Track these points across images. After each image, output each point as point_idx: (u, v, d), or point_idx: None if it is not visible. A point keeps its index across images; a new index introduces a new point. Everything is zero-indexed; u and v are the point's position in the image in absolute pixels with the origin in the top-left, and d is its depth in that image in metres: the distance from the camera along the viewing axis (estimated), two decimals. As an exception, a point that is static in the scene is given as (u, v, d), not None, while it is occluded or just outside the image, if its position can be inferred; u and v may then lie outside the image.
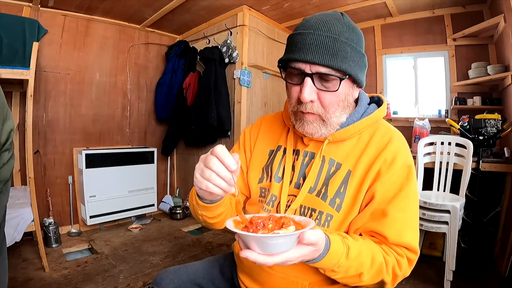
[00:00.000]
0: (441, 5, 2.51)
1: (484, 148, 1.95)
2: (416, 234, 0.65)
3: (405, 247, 0.63)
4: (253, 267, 0.75)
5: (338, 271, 0.57)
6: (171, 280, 0.81)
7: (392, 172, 0.65)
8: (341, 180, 0.68)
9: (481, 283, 1.77)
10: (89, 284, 1.76)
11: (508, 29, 1.95)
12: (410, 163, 0.67)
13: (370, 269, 0.59)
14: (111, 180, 2.67)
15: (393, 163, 0.65)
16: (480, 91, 2.40)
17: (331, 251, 0.54)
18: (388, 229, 0.63)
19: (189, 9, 2.67)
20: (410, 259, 0.64)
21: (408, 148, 0.70)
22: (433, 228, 1.79)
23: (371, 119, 0.70)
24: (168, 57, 3.15)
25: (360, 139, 0.71)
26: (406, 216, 0.64)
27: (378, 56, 2.91)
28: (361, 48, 0.63)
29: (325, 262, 0.54)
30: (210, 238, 2.55)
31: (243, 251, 0.47)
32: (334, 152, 0.71)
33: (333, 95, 0.62)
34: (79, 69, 2.70)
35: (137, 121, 3.17)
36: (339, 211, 0.67)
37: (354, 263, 0.57)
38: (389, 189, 0.64)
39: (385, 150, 0.67)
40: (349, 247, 0.57)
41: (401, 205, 0.64)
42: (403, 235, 0.63)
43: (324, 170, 0.70)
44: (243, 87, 2.63)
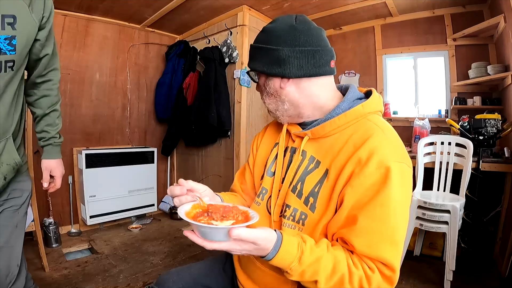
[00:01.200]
0: (441, 5, 2.51)
1: (484, 148, 1.95)
2: (396, 248, 0.57)
3: (380, 262, 0.57)
4: (248, 265, 0.77)
5: (291, 273, 0.57)
6: (174, 282, 0.82)
7: (365, 174, 0.58)
8: (317, 179, 0.66)
9: (481, 283, 1.77)
10: (89, 284, 1.76)
11: (508, 29, 1.95)
12: (391, 164, 0.57)
13: (329, 278, 0.56)
14: (111, 180, 2.67)
15: (367, 164, 0.58)
16: (480, 91, 2.40)
17: (280, 252, 0.55)
18: (356, 238, 0.58)
19: (189, 9, 2.67)
20: (386, 276, 0.57)
21: (397, 147, 0.62)
22: (433, 228, 1.79)
23: (352, 114, 0.65)
24: (168, 57, 3.15)
25: (342, 135, 0.66)
26: (381, 227, 0.57)
27: (378, 56, 2.91)
28: (271, 44, 0.69)
29: (276, 262, 0.56)
30: (210, 238, 2.55)
31: (185, 232, 0.55)
32: (315, 149, 0.70)
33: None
34: (79, 69, 2.70)
35: (137, 121, 3.17)
36: (313, 211, 0.65)
37: (309, 269, 0.56)
38: (364, 194, 0.58)
39: (361, 148, 0.60)
40: (303, 252, 0.56)
41: (375, 213, 0.57)
42: (375, 248, 0.57)
43: (302, 166, 0.70)
44: (243, 87, 2.63)
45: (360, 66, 3.04)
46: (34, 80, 0.99)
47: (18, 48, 0.80)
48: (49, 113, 1.05)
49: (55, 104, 1.07)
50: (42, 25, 0.88)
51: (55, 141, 1.08)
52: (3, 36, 0.75)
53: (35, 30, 0.85)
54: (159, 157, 3.20)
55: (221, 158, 2.84)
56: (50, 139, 1.07)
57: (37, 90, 1.02)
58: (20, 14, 0.79)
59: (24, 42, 0.82)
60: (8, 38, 0.77)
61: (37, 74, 0.98)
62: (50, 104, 1.05)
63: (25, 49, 0.84)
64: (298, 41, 0.66)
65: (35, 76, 0.98)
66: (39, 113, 1.04)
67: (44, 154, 1.08)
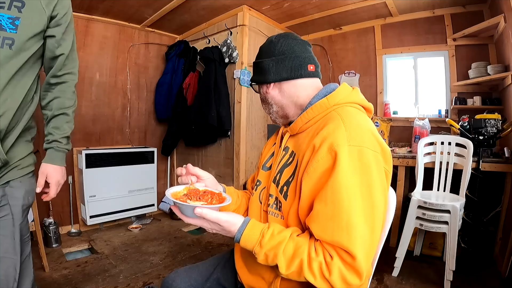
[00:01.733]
0: (441, 5, 2.51)
1: (484, 148, 1.95)
2: (353, 233, 0.54)
3: (339, 247, 0.56)
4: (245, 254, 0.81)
5: (256, 256, 0.63)
6: (183, 280, 0.86)
7: (317, 159, 0.60)
8: (292, 170, 0.72)
9: (481, 283, 1.77)
10: (89, 284, 1.76)
11: (508, 29, 1.95)
12: (339, 148, 0.57)
13: (289, 263, 0.59)
14: (111, 180, 2.68)
15: (319, 149, 0.60)
16: (480, 91, 2.40)
17: (244, 235, 0.63)
18: (313, 223, 0.59)
19: (189, 9, 2.67)
20: (347, 263, 0.55)
21: (352, 131, 0.60)
22: (433, 228, 1.79)
23: (318, 107, 0.71)
24: (168, 57, 3.15)
25: (312, 128, 0.71)
26: (334, 210, 0.56)
27: (378, 56, 2.91)
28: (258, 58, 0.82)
29: (243, 244, 0.64)
30: (210, 238, 2.55)
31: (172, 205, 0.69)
32: (294, 143, 0.76)
33: None
34: (79, 68, 2.68)
35: (137, 121, 3.17)
36: (286, 199, 0.71)
37: (270, 253, 0.61)
38: (318, 180, 0.59)
39: (317, 136, 0.63)
40: (263, 236, 0.62)
41: (327, 197, 0.57)
42: (329, 232, 0.56)
43: (283, 160, 0.77)
44: (243, 87, 2.63)
45: (360, 66, 3.04)
46: (48, 80, 1.00)
47: (20, 29, 0.81)
48: (58, 115, 1.03)
49: (67, 108, 1.03)
50: (57, 21, 0.91)
51: (58, 145, 1.04)
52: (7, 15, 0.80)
53: (44, 20, 0.87)
54: (159, 157, 3.20)
55: (221, 158, 2.84)
56: (53, 142, 1.03)
57: (50, 92, 1.02)
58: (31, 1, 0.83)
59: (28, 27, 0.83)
60: (11, 18, 0.80)
61: (51, 74, 0.98)
62: (61, 107, 1.02)
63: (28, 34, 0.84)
64: (273, 52, 0.78)
65: (50, 76, 0.99)
66: (49, 115, 1.03)
67: (45, 157, 1.05)
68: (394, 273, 1.84)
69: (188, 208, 0.64)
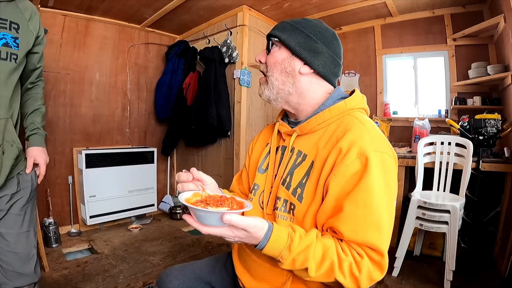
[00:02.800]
0: (441, 5, 2.51)
1: (484, 148, 1.95)
2: (381, 232, 0.59)
3: (368, 247, 0.59)
4: (246, 259, 0.80)
5: (283, 262, 0.59)
6: (176, 277, 0.85)
7: (347, 163, 0.61)
8: (304, 171, 0.70)
9: (481, 283, 1.77)
10: (89, 284, 1.76)
11: (508, 29, 1.95)
12: (370, 153, 0.61)
13: (319, 265, 0.58)
14: (111, 180, 2.68)
15: (347, 154, 0.62)
16: (480, 91, 2.40)
17: (271, 241, 0.58)
18: (343, 225, 0.59)
19: (189, 9, 2.67)
20: (375, 261, 0.59)
21: (376, 137, 0.65)
22: (433, 228, 1.79)
23: (335, 109, 0.70)
24: (168, 57, 3.15)
25: (327, 130, 0.71)
26: (366, 212, 0.59)
27: (378, 56, 2.91)
28: (311, 33, 0.72)
29: (267, 251, 0.58)
30: (210, 238, 2.55)
31: (185, 215, 0.60)
32: (303, 144, 0.74)
33: (271, 55, 0.77)
34: (79, 69, 2.70)
35: (137, 121, 3.17)
36: (301, 202, 0.68)
37: (299, 257, 0.58)
38: (348, 182, 0.61)
39: (342, 140, 0.64)
40: (293, 240, 0.58)
41: (358, 199, 0.59)
42: (362, 233, 0.58)
43: (291, 161, 0.74)
44: (243, 87, 2.63)
45: (360, 66, 3.04)
46: (26, 86, 1.18)
47: (20, 47, 1.02)
48: (35, 111, 1.20)
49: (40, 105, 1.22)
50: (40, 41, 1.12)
51: (39, 132, 1.21)
52: (10, 35, 0.99)
53: (32, 40, 1.07)
54: (159, 157, 3.21)
55: (221, 158, 2.84)
56: (36, 129, 1.19)
57: (26, 94, 1.19)
58: (22, 24, 1.03)
59: (24, 45, 1.04)
60: (13, 38, 1.00)
61: (29, 82, 1.18)
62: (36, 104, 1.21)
63: (24, 51, 1.04)
64: (333, 48, 0.74)
65: (28, 83, 1.18)
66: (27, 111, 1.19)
67: (29, 143, 1.19)
68: (394, 273, 1.84)
69: (212, 215, 0.56)
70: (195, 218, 0.57)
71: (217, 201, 0.62)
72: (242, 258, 0.82)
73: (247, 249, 0.80)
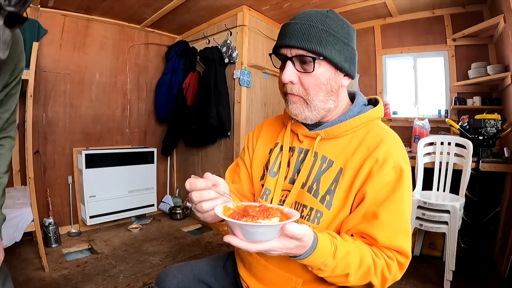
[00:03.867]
0: (441, 5, 2.51)
1: (484, 148, 1.95)
2: (408, 238, 0.64)
3: (396, 250, 0.63)
4: (252, 263, 0.77)
5: (324, 269, 0.57)
6: (174, 276, 0.84)
7: (383, 173, 0.64)
8: (332, 178, 0.69)
9: (481, 283, 1.77)
10: (89, 284, 1.76)
11: (508, 29, 1.95)
12: (403, 165, 0.65)
13: (357, 270, 0.59)
14: (111, 180, 2.67)
15: (384, 164, 0.64)
16: (480, 91, 2.40)
17: (317, 249, 0.55)
18: (379, 231, 0.62)
19: (189, 9, 2.67)
20: (400, 263, 0.63)
21: (403, 150, 0.69)
22: (433, 228, 1.79)
23: (365, 117, 0.71)
24: (168, 57, 3.15)
25: (354, 137, 0.71)
26: (399, 220, 0.63)
27: (378, 56, 2.91)
28: (344, 38, 0.66)
29: (311, 260, 0.55)
30: (210, 238, 2.55)
31: (226, 236, 0.50)
32: (327, 149, 0.72)
33: (311, 77, 0.66)
34: (79, 69, 2.70)
35: (137, 121, 3.17)
36: (329, 209, 0.67)
37: (341, 263, 0.57)
38: (380, 191, 0.64)
39: (377, 150, 0.66)
40: (337, 247, 0.57)
41: (393, 208, 0.63)
42: (394, 239, 0.62)
43: (316, 166, 0.72)
44: (243, 87, 2.63)
45: (360, 66, 3.03)
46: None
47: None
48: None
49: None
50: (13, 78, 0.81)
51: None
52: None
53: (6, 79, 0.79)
54: (159, 157, 3.21)
55: (221, 158, 2.84)
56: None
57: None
58: None
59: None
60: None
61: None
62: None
63: None
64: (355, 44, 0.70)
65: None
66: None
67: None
68: (394, 273, 1.84)
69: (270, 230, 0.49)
70: (242, 236, 0.49)
71: (262, 212, 0.53)
72: (248, 262, 0.79)
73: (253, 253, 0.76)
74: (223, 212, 0.53)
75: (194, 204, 0.57)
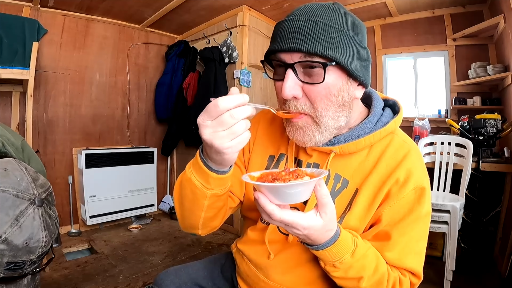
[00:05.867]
0: (441, 5, 2.51)
1: (484, 148, 1.95)
2: (421, 258, 0.60)
3: (408, 271, 0.60)
4: (249, 275, 0.74)
5: (339, 267, 0.53)
6: (172, 281, 0.80)
7: (403, 195, 0.57)
8: (347, 200, 0.61)
9: (481, 283, 1.77)
10: (89, 284, 1.75)
11: (508, 29, 1.95)
12: (425, 185, 0.58)
13: (371, 276, 0.55)
14: (111, 180, 2.67)
15: (405, 185, 0.57)
16: (480, 91, 2.40)
17: (339, 241, 0.51)
18: (388, 252, 0.58)
19: (189, 9, 2.67)
20: (412, 283, 0.60)
21: (423, 165, 0.62)
22: (433, 228, 1.79)
23: (386, 131, 0.60)
24: (168, 57, 3.15)
25: (371, 152, 0.61)
26: (412, 241, 0.59)
27: (378, 56, 2.91)
28: (357, 36, 0.53)
29: (329, 253, 0.51)
30: (210, 238, 2.55)
31: (256, 192, 0.45)
32: (341, 166, 0.62)
33: (320, 87, 0.52)
34: (79, 69, 2.70)
35: (137, 121, 3.17)
36: None
37: (357, 264, 0.53)
38: (397, 212, 0.58)
39: (398, 169, 0.58)
40: (357, 245, 0.54)
41: (407, 229, 0.58)
42: (404, 260, 0.59)
43: (329, 187, 0.62)
44: (243, 87, 2.63)
45: (360, 66, 3.03)
46: None
47: None
48: None
49: None
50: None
51: None
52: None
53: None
54: (159, 157, 3.20)
55: (221, 158, 2.83)
56: None
57: None
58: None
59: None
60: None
61: None
62: None
63: None
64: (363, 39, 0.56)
65: None
66: None
67: None
68: (394, 273, 1.84)
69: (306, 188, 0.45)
70: (275, 199, 0.45)
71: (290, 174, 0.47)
72: (245, 272, 0.75)
73: (253, 267, 0.72)
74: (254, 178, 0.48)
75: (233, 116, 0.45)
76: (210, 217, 0.63)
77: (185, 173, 0.58)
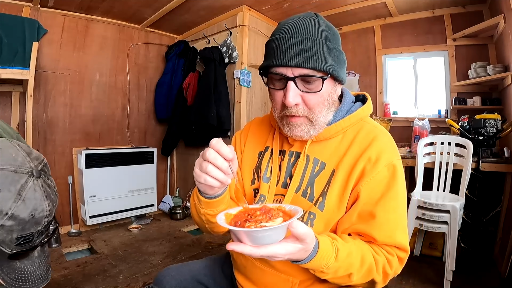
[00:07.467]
0: (441, 5, 2.51)
1: (484, 148, 1.95)
2: (406, 233, 0.66)
3: (396, 246, 0.64)
4: (246, 265, 0.76)
5: (327, 272, 0.57)
6: (173, 277, 0.83)
7: (377, 171, 0.64)
8: (326, 180, 0.68)
9: (481, 283, 1.77)
10: (89, 284, 1.75)
11: (508, 29, 1.95)
12: (396, 162, 0.65)
13: (360, 269, 0.59)
14: (111, 180, 2.67)
15: (377, 162, 0.64)
16: (480, 91, 2.40)
17: (319, 252, 0.54)
18: (377, 231, 0.63)
19: (189, 9, 2.67)
20: (400, 258, 0.64)
21: (395, 147, 0.69)
22: (433, 228, 1.79)
23: (355, 116, 0.70)
24: (168, 57, 3.15)
25: (344, 137, 0.70)
26: (395, 217, 0.64)
27: (378, 56, 2.91)
28: (337, 45, 0.64)
29: (314, 263, 0.54)
30: (210, 238, 2.55)
31: (229, 244, 0.48)
32: (318, 151, 0.71)
33: (317, 95, 0.63)
34: (79, 69, 2.70)
35: (137, 121, 3.17)
36: (322, 210, 0.66)
37: (343, 264, 0.57)
38: (374, 189, 0.64)
39: (369, 148, 0.66)
40: (338, 249, 0.57)
41: (390, 206, 0.63)
42: (393, 236, 0.63)
43: (308, 170, 0.71)
44: (243, 87, 2.63)
45: (360, 66, 3.04)
46: None
47: None
48: None
49: None
50: None
51: None
52: None
53: None
54: (159, 157, 3.20)
55: (221, 158, 2.83)
56: None
57: None
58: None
59: None
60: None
61: None
62: None
63: None
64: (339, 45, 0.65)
65: None
66: None
67: None
68: (394, 273, 1.84)
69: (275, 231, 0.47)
70: (249, 241, 0.47)
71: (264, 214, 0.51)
72: (242, 265, 0.78)
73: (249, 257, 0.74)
74: (225, 220, 0.51)
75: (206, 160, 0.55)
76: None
77: None
